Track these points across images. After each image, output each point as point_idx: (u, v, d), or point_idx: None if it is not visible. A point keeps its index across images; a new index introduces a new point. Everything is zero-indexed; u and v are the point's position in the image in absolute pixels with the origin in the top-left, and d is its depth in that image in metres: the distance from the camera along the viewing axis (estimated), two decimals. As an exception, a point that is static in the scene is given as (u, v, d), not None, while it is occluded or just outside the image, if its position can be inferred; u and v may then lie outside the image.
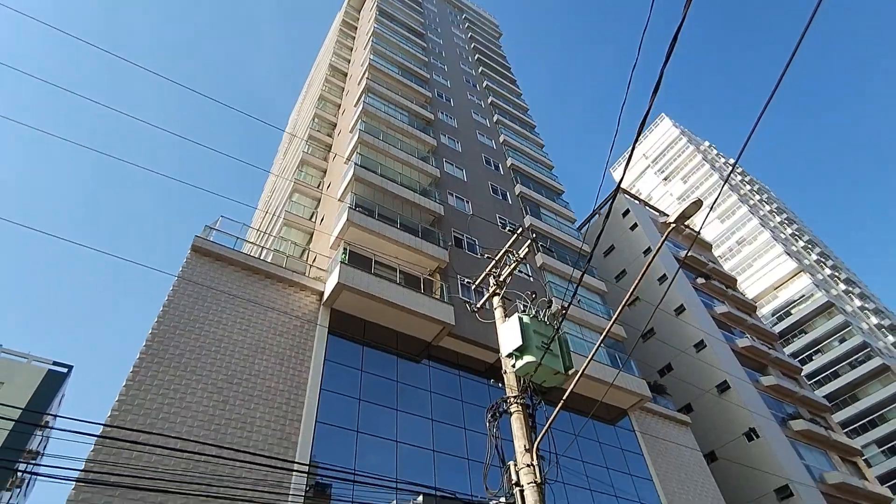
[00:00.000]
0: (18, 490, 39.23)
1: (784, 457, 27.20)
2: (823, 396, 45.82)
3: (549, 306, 10.41)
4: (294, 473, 12.51)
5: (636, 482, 20.88)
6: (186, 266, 16.13)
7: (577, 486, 18.86)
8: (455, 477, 15.90)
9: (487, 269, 11.66)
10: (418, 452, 15.95)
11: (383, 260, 20.49)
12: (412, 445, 15.97)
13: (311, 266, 21.40)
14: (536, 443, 8.80)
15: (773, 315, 63.17)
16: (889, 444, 50.90)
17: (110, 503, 10.60)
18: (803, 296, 61.30)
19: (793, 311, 61.79)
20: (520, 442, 8.95)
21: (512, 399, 9.55)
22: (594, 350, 8.58)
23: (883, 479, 45.85)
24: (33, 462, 31.04)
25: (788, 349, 58.30)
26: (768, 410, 30.12)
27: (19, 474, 37.15)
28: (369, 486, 11.55)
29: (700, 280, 38.57)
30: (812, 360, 58.65)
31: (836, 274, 70.41)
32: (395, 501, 13.99)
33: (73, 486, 10.19)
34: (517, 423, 9.24)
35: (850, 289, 68.76)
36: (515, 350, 9.34)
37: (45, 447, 40.05)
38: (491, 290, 11.31)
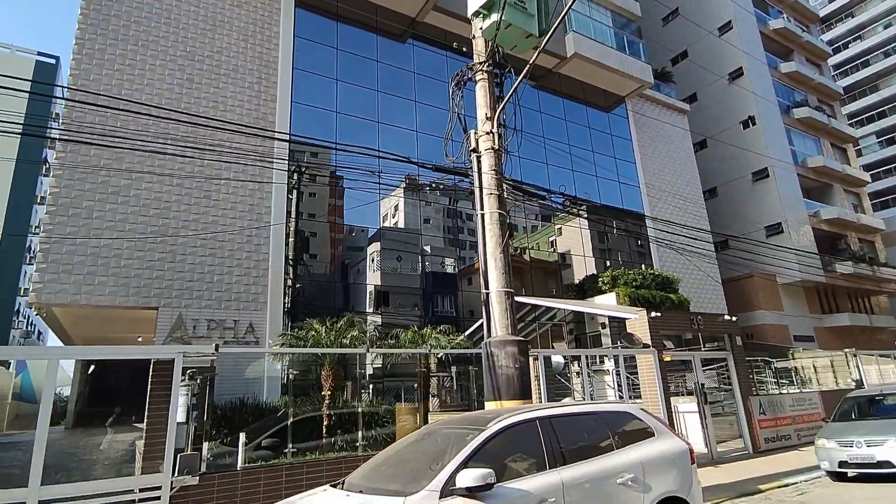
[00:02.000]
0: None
1: (773, 142, 27.63)
2: (843, 87, 43.99)
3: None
4: (275, 143, 12.68)
5: (619, 164, 21.79)
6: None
7: (561, 167, 19.75)
8: (439, 155, 16.42)
9: None
10: (401, 133, 16.12)
11: None
12: (394, 126, 16.03)
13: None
14: (498, 111, 8.43)
15: (825, -6, 55.40)
16: (889, 136, 51.36)
17: (99, 165, 11.20)
18: (870, -31, 52.39)
19: (849, -10, 53.94)
20: (482, 110, 8.59)
21: (477, 66, 8.77)
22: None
23: (871, 167, 47.93)
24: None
25: (827, 35, 53.12)
26: (775, 98, 29.19)
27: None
28: (349, 154, 11.76)
29: (749, -56, 32.13)
30: (848, 47, 54.13)
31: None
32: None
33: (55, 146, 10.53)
34: (481, 92, 8.70)
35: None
36: (482, 7, 8.01)
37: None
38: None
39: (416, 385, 8.97)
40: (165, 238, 11.52)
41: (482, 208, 7.86)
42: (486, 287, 7.49)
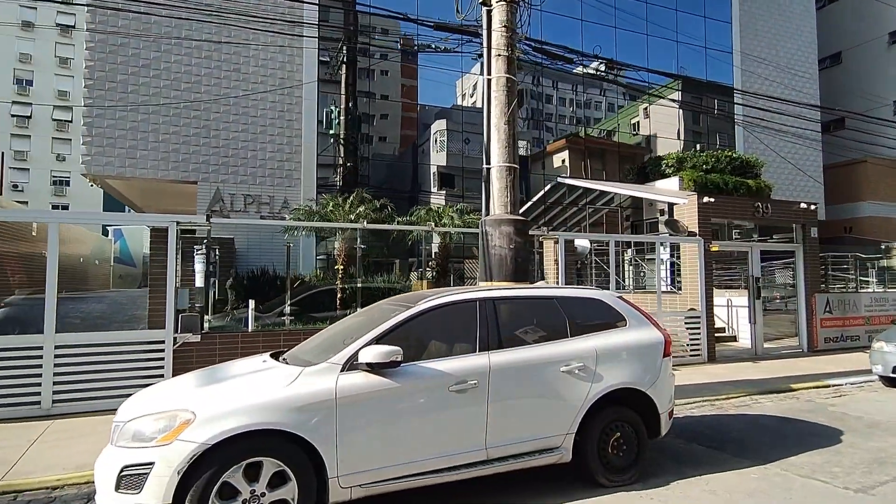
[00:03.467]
0: None
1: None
2: None
3: None
4: (304, 7, 11.77)
5: (709, 25, 18.45)
6: None
7: (634, 31, 17.09)
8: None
9: None
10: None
11: None
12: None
13: None
14: (517, -50, 7.02)
15: None
16: None
17: (128, 35, 11.20)
18: None
19: None
20: (499, -50, 7.21)
21: None
22: None
23: None
24: None
25: None
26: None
27: None
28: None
29: None
30: None
31: None
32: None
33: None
34: (500, -74, 7.25)
35: None
36: None
37: None
38: None
39: (431, 264, 8.85)
40: (199, 113, 11.64)
41: (489, 73, 6.92)
42: (488, 162, 6.83)
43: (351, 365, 3.43)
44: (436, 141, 17.56)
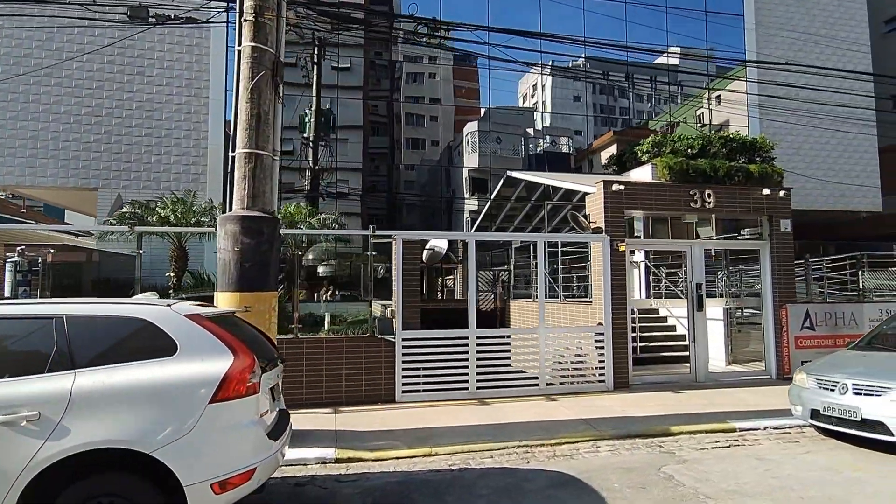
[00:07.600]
0: None
1: None
2: None
3: None
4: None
5: (718, 26, 15.78)
6: None
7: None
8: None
9: None
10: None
11: None
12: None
13: None
14: None
15: None
16: None
17: (31, 48, 11.31)
18: None
19: None
20: None
21: None
22: None
23: None
24: None
25: None
26: None
27: None
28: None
29: None
30: None
31: None
32: None
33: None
34: None
35: None
36: None
37: None
38: None
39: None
40: (100, 118, 11.52)
41: (239, 43, 5.83)
42: (233, 149, 5.73)
43: None
44: (467, 142, 17.28)
